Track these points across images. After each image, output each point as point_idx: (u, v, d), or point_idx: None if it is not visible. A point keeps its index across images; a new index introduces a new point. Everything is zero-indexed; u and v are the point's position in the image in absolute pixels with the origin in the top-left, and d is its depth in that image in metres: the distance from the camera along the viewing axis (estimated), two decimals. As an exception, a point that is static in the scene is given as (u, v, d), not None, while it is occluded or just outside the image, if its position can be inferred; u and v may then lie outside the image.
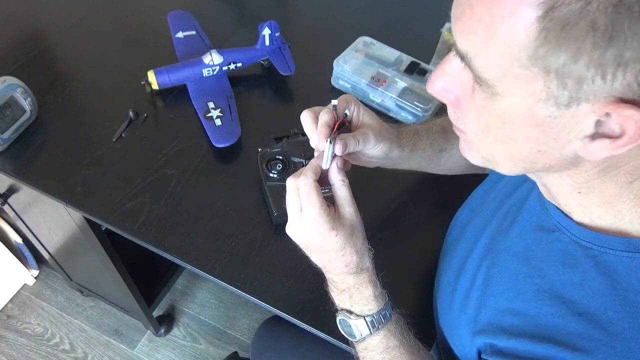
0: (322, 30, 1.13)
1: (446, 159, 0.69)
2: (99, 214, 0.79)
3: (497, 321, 0.50)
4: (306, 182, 0.52)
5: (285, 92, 0.99)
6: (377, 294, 0.56)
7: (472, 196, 0.69)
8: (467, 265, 0.59)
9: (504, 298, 0.51)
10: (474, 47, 0.36)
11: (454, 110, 0.45)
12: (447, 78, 0.42)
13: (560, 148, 0.38)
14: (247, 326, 1.54)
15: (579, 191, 0.43)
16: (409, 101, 0.91)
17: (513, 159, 0.42)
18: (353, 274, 0.54)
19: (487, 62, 0.36)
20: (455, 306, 0.59)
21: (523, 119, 0.37)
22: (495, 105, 0.38)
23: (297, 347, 0.91)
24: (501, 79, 0.36)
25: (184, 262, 0.75)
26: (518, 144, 0.40)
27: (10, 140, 0.84)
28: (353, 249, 0.53)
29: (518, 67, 0.34)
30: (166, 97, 0.95)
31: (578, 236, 0.45)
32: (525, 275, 0.49)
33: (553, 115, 0.36)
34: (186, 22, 1.04)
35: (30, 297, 1.57)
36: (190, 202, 0.81)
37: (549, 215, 0.49)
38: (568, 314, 0.44)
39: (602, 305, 0.42)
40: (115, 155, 0.86)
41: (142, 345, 1.50)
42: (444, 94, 0.44)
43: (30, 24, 1.07)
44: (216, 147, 0.86)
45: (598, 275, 0.43)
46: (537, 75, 0.34)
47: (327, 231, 0.52)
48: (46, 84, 0.94)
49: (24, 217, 1.12)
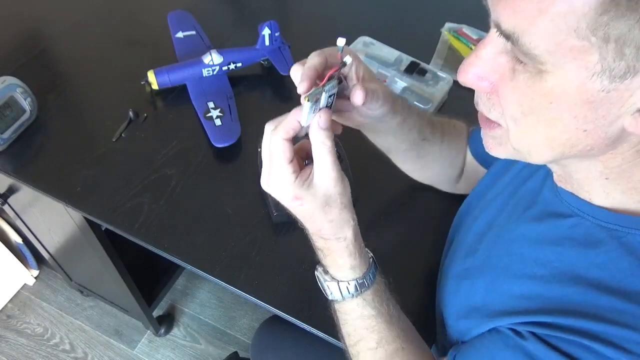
0: (322, 30, 1.13)
1: (426, 151, 0.68)
2: (99, 214, 0.79)
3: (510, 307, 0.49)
4: (275, 139, 0.47)
5: (285, 92, 0.99)
6: (353, 264, 0.53)
7: (473, 193, 0.69)
8: (477, 255, 0.58)
9: (517, 284, 0.50)
10: (524, 21, 0.34)
11: (488, 99, 0.43)
12: (482, 64, 0.41)
13: (607, 125, 0.37)
14: (247, 326, 1.54)
15: (607, 177, 0.43)
16: (408, 101, 0.91)
17: (552, 144, 0.40)
18: (325, 240, 0.52)
19: (538, 37, 0.34)
20: (461, 296, 0.58)
21: (573, 96, 0.36)
22: (542, 84, 0.37)
23: (297, 346, 0.91)
24: (553, 54, 0.34)
25: (184, 262, 0.75)
26: (563, 124, 0.38)
27: (10, 140, 0.84)
28: (324, 220, 0.50)
29: (574, 38, 0.33)
30: (166, 97, 0.95)
31: (600, 219, 0.45)
32: (542, 261, 0.49)
33: (606, 89, 0.34)
34: (186, 22, 1.04)
35: (30, 297, 1.57)
36: (190, 202, 0.81)
37: (563, 202, 0.49)
38: (592, 291, 0.44)
39: (631, 284, 0.42)
40: (115, 155, 0.86)
41: (142, 345, 1.50)
42: (478, 83, 0.42)
43: (30, 24, 1.07)
44: (216, 147, 0.86)
45: (625, 255, 0.43)
46: (594, 46, 0.33)
47: (291, 199, 0.49)
48: (46, 84, 0.94)
49: (24, 217, 1.12)
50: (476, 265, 0.57)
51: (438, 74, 0.96)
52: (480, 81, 0.42)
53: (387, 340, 0.56)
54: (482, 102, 0.44)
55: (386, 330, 0.55)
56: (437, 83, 0.95)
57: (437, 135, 0.68)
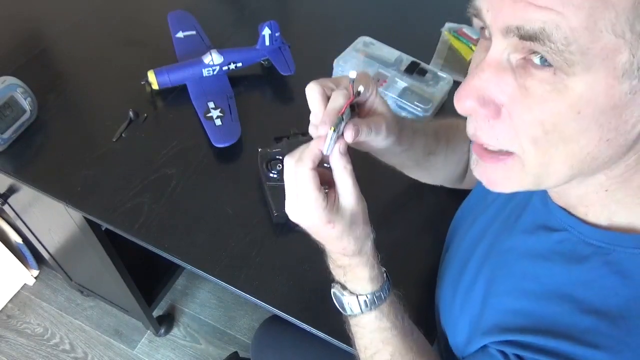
0: (322, 30, 1.13)
1: (431, 163, 0.68)
2: (99, 214, 0.79)
3: (503, 322, 0.50)
4: (302, 171, 0.48)
5: (285, 92, 0.99)
6: (372, 276, 0.54)
7: (472, 195, 0.69)
8: (469, 265, 0.58)
9: (510, 298, 0.50)
10: (555, 16, 0.31)
11: (491, 127, 0.39)
12: (484, 87, 0.37)
13: (629, 131, 0.35)
14: (247, 326, 1.54)
15: (607, 189, 0.42)
16: (409, 101, 0.91)
17: (572, 161, 0.37)
18: (350, 256, 0.53)
19: (572, 33, 0.31)
20: (456, 305, 0.58)
21: (601, 102, 0.33)
22: (568, 93, 0.34)
23: (297, 346, 0.91)
24: (585, 53, 0.32)
25: (184, 262, 0.75)
26: (587, 136, 0.35)
27: (10, 140, 0.84)
28: (351, 237, 0.51)
29: (611, 34, 0.31)
30: (166, 97, 0.95)
31: (586, 235, 0.44)
32: (531, 275, 0.49)
33: (633, 91, 0.33)
34: (186, 22, 1.04)
35: (30, 297, 1.57)
36: (190, 202, 0.81)
37: (553, 215, 0.48)
38: (579, 312, 0.43)
39: (615, 304, 0.42)
40: (115, 155, 0.86)
41: (142, 345, 1.50)
42: (479, 109, 0.38)
43: (30, 24, 1.07)
44: (216, 147, 0.86)
45: (610, 273, 0.42)
46: (627, 44, 0.31)
47: (324, 224, 0.49)
48: (46, 84, 0.94)
49: (24, 217, 1.12)
50: (470, 277, 0.57)
51: (438, 74, 0.96)
52: (484, 107, 0.38)
53: (401, 352, 0.56)
54: (484, 131, 0.40)
55: (400, 342, 0.56)
56: (437, 83, 0.95)
57: (442, 145, 0.67)
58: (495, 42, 0.36)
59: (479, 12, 0.37)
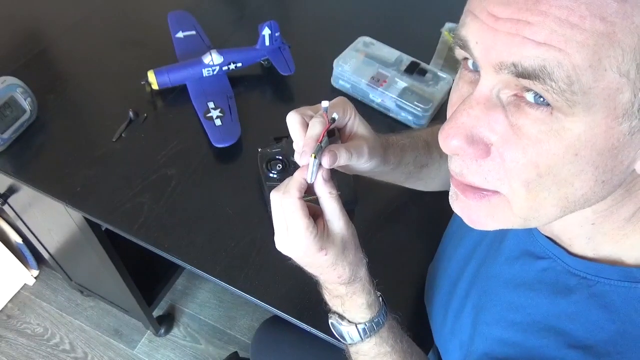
0: (322, 30, 1.13)
1: (425, 174, 0.67)
2: (99, 214, 0.79)
3: (493, 351, 0.49)
4: (290, 202, 0.47)
5: (285, 92, 0.99)
6: (370, 302, 0.54)
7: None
8: (458, 287, 0.58)
9: (498, 327, 0.49)
10: (558, 54, 0.29)
11: (479, 166, 0.36)
12: (472, 124, 0.35)
13: (624, 171, 0.34)
14: (247, 326, 1.54)
15: (593, 222, 0.40)
16: (409, 101, 0.91)
17: (565, 203, 0.35)
18: (346, 284, 0.53)
19: (575, 72, 0.29)
20: (447, 329, 0.58)
21: (599, 143, 0.32)
22: (565, 133, 0.32)
23: (297, 347, 0.91)
24: (587, 93, 0.30)
25: (184, 262, 0.75)
26: (582, 179, 0.33)
27: (10, 140, 0.84)
28: (345, 263, 0.51)
29: (615, 73, 0.29)
30: (166, 97, 0.95)
31: (572, 265, 0.43)
32: (516, 305, 0.48)
33: (632, 131, 0.31)
34: (186, 22, 1.04)
35: (30, 297, 1.57)
36: (191, 202, 0.81)
37: (536, 242, 0.47)
38: (565, 347, 0.42)
39: (600, 338, 0.40)
40: (115, 155, 0.86)
41: (142, 345, 1.50)
42: (467, 148, 0.35)
43: (30, 24, 1.07)
44: (216, 147, 0.86)
45: (595, 307, 0.41)
46: (630, 83, 0.30)
47: (316, 252, 0.49)
48: (46, 84, 0.94)
49: (24, 217, 1.12)
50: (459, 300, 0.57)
51: (438, 74, 0.96)
52: (472, 147, 0.35)
53: None
54: (471, 171, 0.37)
55: None
56: (437, 83, 0.95)
57: (435, 155, 0.66)
58: (485, 77, 0.34)
59: (465, 44, 0.34)
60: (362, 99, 0.97)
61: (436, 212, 0.84)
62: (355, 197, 0.82)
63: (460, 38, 0.34)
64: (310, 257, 0.50)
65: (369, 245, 0.57)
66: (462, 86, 0.38)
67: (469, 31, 0.33)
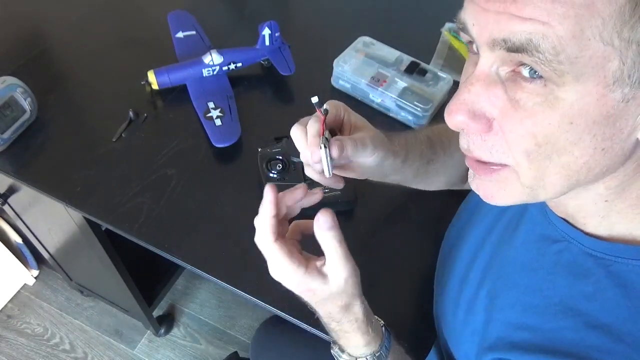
0: (322, 30, 1.13)
1: (432, 170, 0.67)
2: (99, 214, 0.79)
3: (508, 336, 0.49)
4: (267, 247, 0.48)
5: (285, 92, 0.99)
6: (367, 340, 0.53)
7: (469, 200, 0.69)
8: (470, 277, 0.58)
9: (514, 312, 0.49)
10: (541, 27, 0.31)
11: (484, 141, 0.39)
12: (474, 101, 0.37)
13: (624, 140, 0.35)
14: (247, 326, 1.54)
15: (607, 199, 0.41)
16: (409, 101, 0.91)
17: (568, 172, 0.37)
18: (338, 322, 0.52)
19: (560, 41, 0.31)
20: (459, 320, 0.58)
21: (593, 111, 0.33)
22: (559, 104, 0.34)
23: (297, 347, 0.91)
24: (574, 62, 0.32)
25: (184, 262, 0.75)
26: (581, 147, 0.35)
27: (10, 140, 0.84)
28: (335, 306, 0.50)
29: (598, 41, 0.31)
30: (166, 97, 0.95)
31: (588, 246, 0.44)
32: (534, 288, 0.48)
33: (625, 99, 0.32)
34: (186, 22, 1.04)
35: (30, 297, 1.57)
36: (191, 202, 0.81)
37: (552, 225, 0.47)
38: (584, 328, 0.43)
39: (619, 317, 0.41)
40: (115, 155, 0.86)
41: (142, 345, 1.50)
42: (470, 124, 0.38)
43: (30, 24, 1.07)
44: (216, 147, 0.86)
45: (612, 286, 0.42)
46: (616, 51, 0.31)
47: (304, 291, 0.49)
48: (46, 84, 0.94)
49: (24, 217, 1.12)
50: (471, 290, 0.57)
51: (438, 74, 0.96)
52: (475, 122, 0.37)
53: None
54: (477, 146, 0.39)
55: None
56: (437, 83, 0.95)
57: (438, 151, 0.67)
58: (483, 55, 0.36)
59: (465, 27, 0.37)
60: (362, 99, 0.97)
61: (435, 212, 0.84)
62: (355, 197, 0.82)
63: (461, 22, 0.37)
64: (297, 292, 0.50)
65: (369, 245, 0.57)
66: (468, 68, 0.40)
67: (467, 14, 0.36)
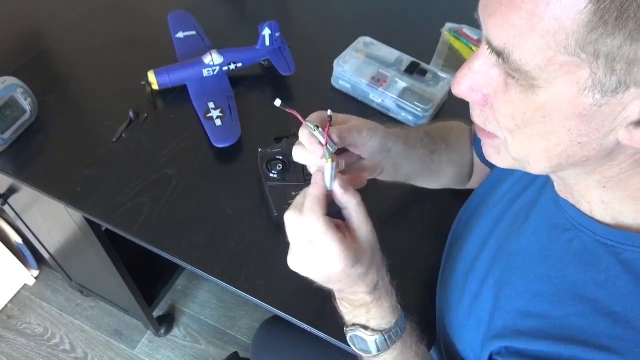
0: (322, 30, 1.13)
1: (437, 161, 0.68)
2: (99, 214, 0.79)
3: (515, 324, 0.49)
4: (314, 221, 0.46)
5: (285, 92, 0.99)
6: (394, 304, 0.54)
7: (475, 195, 0.69)
8: (476, 267, 0.58)
9: (522, 299, 0.50)
10: (512, 39, 0.35)
11: (481, 111, 0.43)
12: (474, 76, 0.41)
13: (601, 138, 0.37)
14: (247, 326, 1.54)
15: (604, 185, 0.43)
16: (409, 101, 0.91)
17: (549, 155, 0.41)
18: (371, 292, 0.52)
19: (528, 54, 0.35)
20: (463, 311, 0.58)
21: (565, 110, 0.36)
22: (534, 98, 0.37)
23: (297, 347, 0.91)
24: (544, 69, 0.35)
25: (184, 262, 0.75)
26: (557, 137, 0.38)
27: (10, 140, 0.84)
28: (373, 269, 0.51)
29: (564, 54, 0.33)
30: (166, 97, 0.95)
31: (599, 234, 0.45)
32: (542, 275, 0.49)
33: (598, 104, 0.35)
34: (186, 22, 1.04)
35: (30, 297, 1.57)
36: (191, 202, 0.81)
37: (563, 213, 0.48)
38: (593, 314, 0.43)
39: (628, 304, 0.42)
40: (115, 155, 0.86)
41: (142, 345, 1.50)
42: (470, 94, 0.42)
43: (30, 24, 1.07)
44: (216, 147, 0.86)
45: (623, 273, 0.43)
46: (584, 62, 0.33)
47: (351, 267, 0.47)
48: (46, 84, 0.94)
49: (24, 217, 1.12)
50: (478, 280, 0.57)
51: (438, 74, 0.96)
52: (473, 93, 0.42)
53: None
54: (476, 114, 0.44)
55: None
56: (437, 83, 0.95)
57: (439, 143, 0.68)
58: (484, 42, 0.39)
59: (478, 20, 0.40)
60: (362, 99, 0.97)
61: (436, 211, 0.84)
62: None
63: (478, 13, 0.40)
64: (345, 270, 0.48)
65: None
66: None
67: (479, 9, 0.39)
